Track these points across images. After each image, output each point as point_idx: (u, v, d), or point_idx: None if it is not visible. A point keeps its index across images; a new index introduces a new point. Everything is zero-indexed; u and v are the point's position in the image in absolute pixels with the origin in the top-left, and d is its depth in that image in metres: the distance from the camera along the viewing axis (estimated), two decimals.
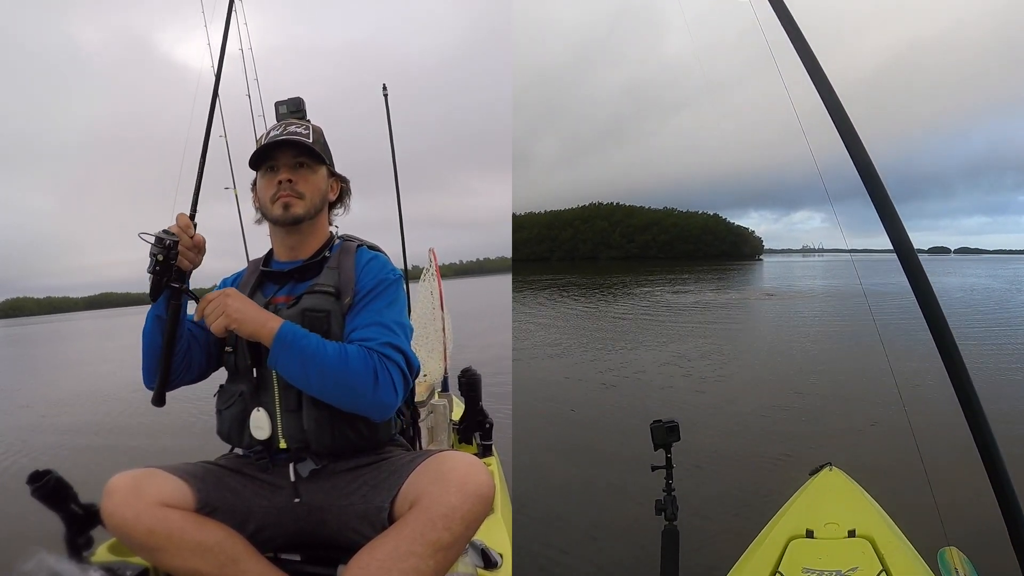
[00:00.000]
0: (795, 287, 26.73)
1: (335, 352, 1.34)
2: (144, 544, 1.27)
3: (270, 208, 1.53)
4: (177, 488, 1.32)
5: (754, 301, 20.11)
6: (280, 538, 1.44)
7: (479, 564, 1.49)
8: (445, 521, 1.20)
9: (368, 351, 1.37)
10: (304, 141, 1.52)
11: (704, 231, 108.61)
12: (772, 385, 7.32)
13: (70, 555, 1.46)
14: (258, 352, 1.45)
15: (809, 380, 7.51)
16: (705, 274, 39.94)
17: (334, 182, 1.64)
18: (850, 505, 2.00)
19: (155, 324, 1.42)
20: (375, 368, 1.35)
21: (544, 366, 8.90)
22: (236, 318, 1.34)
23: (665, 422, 1.75)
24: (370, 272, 1.52)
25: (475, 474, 1.25)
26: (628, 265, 68.00)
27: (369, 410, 1.38)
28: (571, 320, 15.32)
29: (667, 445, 1.75)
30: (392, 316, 1.46)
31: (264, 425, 1.43)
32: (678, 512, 1.72)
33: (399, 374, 1.39)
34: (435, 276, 3.31)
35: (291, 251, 1.57)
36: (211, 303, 1.35)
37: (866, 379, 6.82)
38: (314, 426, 1.41)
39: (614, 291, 24.49)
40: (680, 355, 9.45)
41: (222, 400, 1.53)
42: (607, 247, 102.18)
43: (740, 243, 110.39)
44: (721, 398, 6.76)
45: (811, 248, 78.84)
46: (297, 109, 1.69)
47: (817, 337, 11.29)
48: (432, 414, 2.66)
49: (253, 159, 1.54)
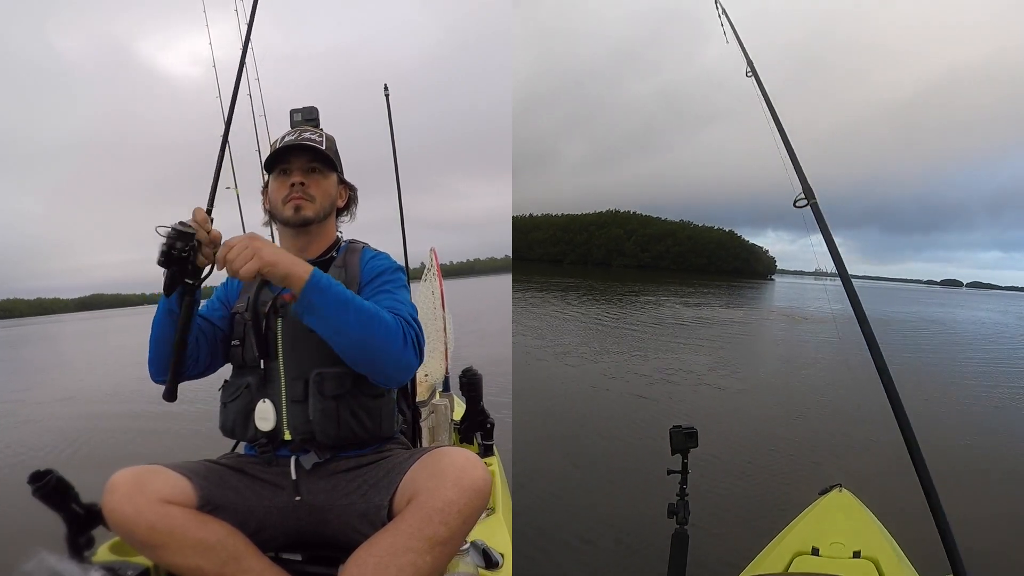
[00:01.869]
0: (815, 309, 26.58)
1: (370, 304, 1.35)
2: (145, 541, 1.27)
3: (281, 209, 1.56)
4: (179, 485, 1.33)
5: (780, 321, 19.88)
6: (281, 538, 1.45)
7: (480, 564, 1.49)
8: (442, 516, 1.20)
9: (395, 313, 1.39)
10: (318, 147, 1.56)
11: (719, 246, 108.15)
12: (785, 404, 7.33)
13: (71, 555, 1.46)
14: (266, 344, 1.47)
15: (824, 401, 7.53)
16: (716, 289, 39.91)
17: (343, 189, 1.68)
18: (857, 526, 2.02)
19: (167, 319, 1.40)
20: (403, 327, 1.37)
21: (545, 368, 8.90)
22: (269, 260, 1.25)
23: (684, 428, 1.74)
24: (374, 265, 1.57)
25: (471, 468, 1.25)
26: (641, 274, 68.12)
27: (394, 368, 1.38)
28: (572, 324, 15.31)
29: (684, 450, 1.75)
30: (403, 296, 1.51)
31: (269, 416, 1.44)
32: (689, 517, 1.72)
33: (416, 349, 1.40)
34: (436, 276, 3.30)
35: (299, 252, 1.57)
36: (235, 248, 1.26)
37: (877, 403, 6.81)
38: (320, 416, 1.42)
39: (625, 301, 24.44)
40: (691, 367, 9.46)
41: (227, 393, 1.53)
42: (620, 255, 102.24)
43: (753, 261, 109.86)
44: (734, 411, 6.76)
45: (823, 272, 78.93)
46: (311, 117, 1.73)
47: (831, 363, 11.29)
48: (433, 414, 2.66)
49: (268, 162, 1.59)
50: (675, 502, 1.73)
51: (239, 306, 1.55)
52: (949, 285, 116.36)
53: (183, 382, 1.47)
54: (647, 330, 14.65)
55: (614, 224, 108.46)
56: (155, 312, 1.43)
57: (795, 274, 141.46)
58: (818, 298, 37.27)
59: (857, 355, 1.67)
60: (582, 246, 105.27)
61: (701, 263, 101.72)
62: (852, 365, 8.43)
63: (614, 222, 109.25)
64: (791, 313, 22.14)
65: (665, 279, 51.46)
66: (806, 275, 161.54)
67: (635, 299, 24.72)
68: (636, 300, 24.16)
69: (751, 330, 17.01)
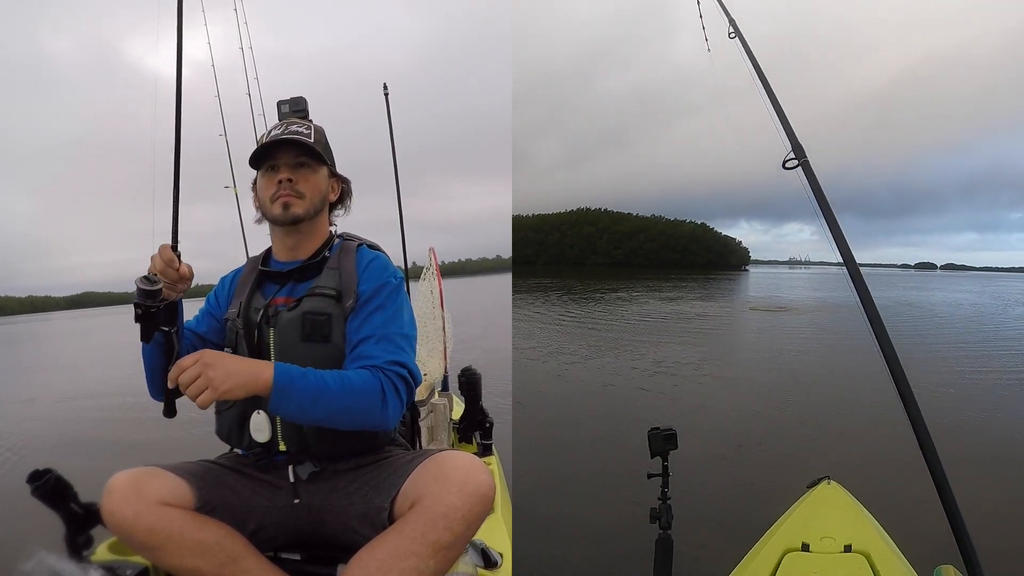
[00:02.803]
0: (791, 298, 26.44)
1: (337, 385, 1.30)
2: (144, 543, 1.27)
3: (270, 207, 1.51)
4: (177, 487, 1.32)
5: (758, 314, 19.93)
6: (280, 537, 1.44)
7: (479, 564, 1.49)
8: (446, 521, 1.19)
9: (373, 371, 1.35)
10: (305, 140, 1.50)
11: (691, 240, 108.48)
12: (770, 396, 7.33)
13: (70, 554, 1.46)
14: (259, 354, 1.44)
15: (810, 392, 7.53)
16: (691, 283, 39.93)
17: (335, 182, 1.62)
18: (847, 520, 1.99)
19: (154, 349, 1.37)
20: (382, 389, 1.34)
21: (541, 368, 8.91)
22: (225, 389, 1.20)
23: (663, 430, 1.73)
24: (372, 274, 1.50)
25: (476, 474, 1.24)
26: (614, 271, 67.87)
27: (376, 427, 1.38)
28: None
29: (664, 453, 1.74)
30: (396, 328, 1.45)
31: (264, 428, 1.42)
32: (672, 520, 1.71)
33: (405, 390, 1.39)
34: (435, 275, 3.31)
35: (291, 251, 1.56)
36: (187, 374, 1.20)
37: (870, 392, 6.80)
38: (314, 430, 1.41)
39: (595, 298, 24.47)
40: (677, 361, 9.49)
41: (222, 401, 1.50)
42: (593, 253, 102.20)
43: (727, 253, 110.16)
44: (717, 406, 6.77)
45: (797, 260, 77.60)
46: (299, 108, 1.65)
47: (818, 351, 11.30)
48: (432, 413, 2.66)
49: (253, 158, 1.52)
50: (657, 506, 1.71)
51: (231, 312, 1.53)
52: (923, 268, 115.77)
53: (181, 397, 1.47)
54: (629, 327, 14.71)
55: (585, 223, 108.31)
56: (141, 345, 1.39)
57: (769, 263, 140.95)
58: (794, 287, 37.28)
59: (846, 341, 1.64)
60: (555, 246, 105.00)
61: (674, 258, 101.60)
62: (839, 351, 8.44)
63: (585, 220, 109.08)
64: (769, 305, 22.19)
65: (640, 275, 51.29)
66: (780, 264, 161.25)
67: (610, 296, 24.67)
68: (612, 297, 24.12)
69: (730, 324, 16.96)
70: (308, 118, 1.64)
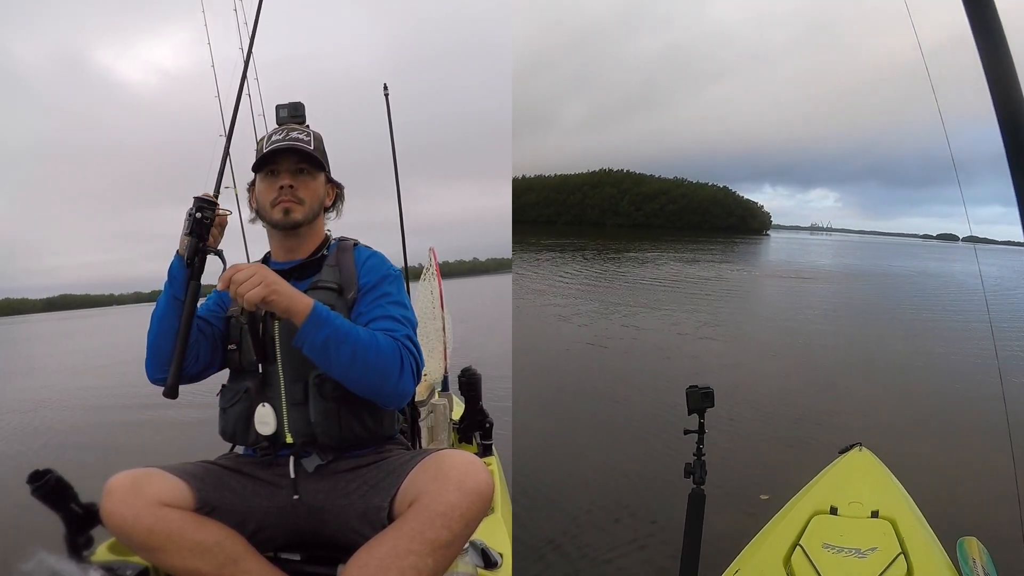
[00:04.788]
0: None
1: (367, 336, 1.36)
2: (143, 544, 1.27)
3: (269, 212, 1.54)
4: (176, 488, 1.32)
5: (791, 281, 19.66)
6: (280, 538, 1.45)
7: (479, 564, 1.49)
8: (444, 519, 1.20)
9: (392, 338, 1.39)
10: (306, 148, 1.54)
11: (713, 203, 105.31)
12: (797, 362, 7.26)
13: (70, 555, 1.46)
14: (263, 348, 1.46)
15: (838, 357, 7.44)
16: (715, 247, 39.45)
17: (330, 188, 1.66)
18: (876, 486, 2.02)
19: (172, 305, 1.40)
20: (401, 355, 1.38)
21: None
22: (275, 289, 1.29)
23: (701, 388, 1.76)
24: (372, 268, 1.54)
25: (474, 472, 1.25)
26: (635, 232, 67.33)
27: (391, 396, 1.40)
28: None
29: (701, 410, 1.77)
30: (402, 312, 1.49)
31: (270, 420, 1.43)
32: (706, 477, 1.74)
33: (417, 370, 1.42)
34: (435, 275, 3.31)
35: (289, 253, 1.59)
36: (243, 271, 1.29)
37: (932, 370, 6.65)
38: (321, 419, 1.42)
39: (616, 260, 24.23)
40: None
41: (226, 398, 1.53)
42: (614, 214, 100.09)
43: (748, 217, 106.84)
44: (751, 374, 6.70)
45: (819, 227, 77.01)
46: (297, 114, 1.69)
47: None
48: (432, 414, 2.67)
49: (256, 164, 1.56)
50: (692, 462, 1.75)
51: (233, 309, 1.54)
52: (945, 240, 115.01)
53: (182, 378, 1.47)
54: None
55: (607, 183, 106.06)
56: (155, 307, 1.44)
57: (791, 229, 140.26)
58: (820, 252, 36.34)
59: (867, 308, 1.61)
60: (576, 206, 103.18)
61: (696, 220, 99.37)
62: (868, 320, 8.18)
63: (607, 181, 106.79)
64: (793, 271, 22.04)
65: (662, 237, 51.03)
66: (802, 229, 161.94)
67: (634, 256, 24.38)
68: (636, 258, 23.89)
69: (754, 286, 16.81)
70: (305, 123, 1.67)
